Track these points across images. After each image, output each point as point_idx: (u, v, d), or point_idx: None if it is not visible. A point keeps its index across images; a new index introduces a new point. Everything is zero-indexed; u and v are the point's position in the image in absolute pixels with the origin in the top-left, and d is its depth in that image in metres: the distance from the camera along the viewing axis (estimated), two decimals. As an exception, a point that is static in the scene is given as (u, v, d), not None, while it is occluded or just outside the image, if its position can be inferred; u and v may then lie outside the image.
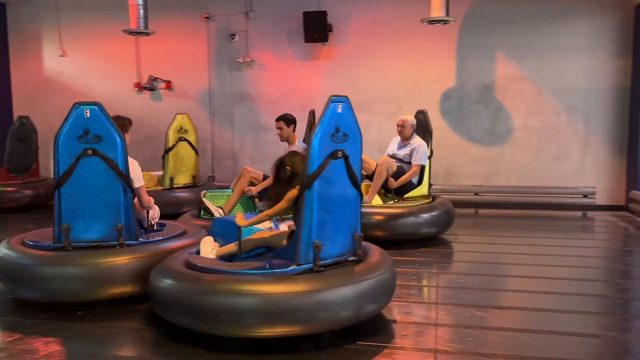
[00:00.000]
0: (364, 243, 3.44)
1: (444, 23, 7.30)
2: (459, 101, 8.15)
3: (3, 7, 9.36)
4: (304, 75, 8.57)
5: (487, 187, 8.06)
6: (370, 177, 5.88)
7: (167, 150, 7.11)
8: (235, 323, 2.88)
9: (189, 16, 8.83)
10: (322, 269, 3.04)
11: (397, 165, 5.85)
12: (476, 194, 8.00)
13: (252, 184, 5.42)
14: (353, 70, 8.41)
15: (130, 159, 3.77)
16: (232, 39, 8.68)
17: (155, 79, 8.97)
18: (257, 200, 5.46)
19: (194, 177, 7.30)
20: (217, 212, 5.11)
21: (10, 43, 9.51)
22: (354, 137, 3.19)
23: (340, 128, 3.10)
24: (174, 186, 7.08)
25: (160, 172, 7.24)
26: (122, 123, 4.02)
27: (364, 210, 4.09)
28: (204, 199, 5.25)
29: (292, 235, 3.30)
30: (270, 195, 3.38)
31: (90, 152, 3.55)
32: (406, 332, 3.24)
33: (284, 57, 8.61)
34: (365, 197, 5.49)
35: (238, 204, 5.35)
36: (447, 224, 5.75)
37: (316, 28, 8.12)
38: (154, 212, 4.28)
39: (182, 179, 7.22)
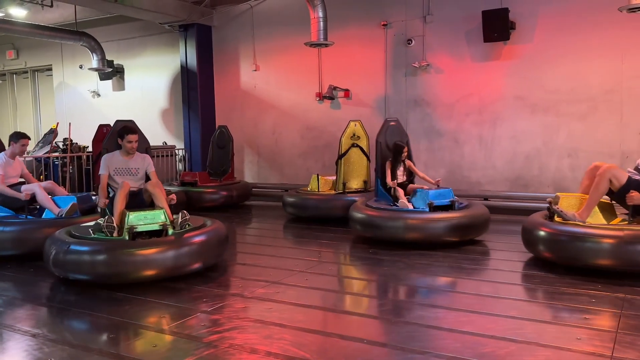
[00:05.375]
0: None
1: (650, 9, 6.30)
2: (670, 99, 6.97)
3: (209, 30, 10.66)
4: (483, 76, 8.14)
5: None
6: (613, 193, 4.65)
7: (340, 156, 7.35)
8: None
9: (367, 25, 9.02)
10: None
11: (630, 175, 4.60)
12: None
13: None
14: (538, 69, 7.73)
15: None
16: (409, 44, 8.64)
17: (334, 88, 9.35)
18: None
19: (365, 182, 7.43)
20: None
21: (214, 61, 10.77)
22: None
23: None
24: (346, 190, 7.28)
25: (334, 177, 7.50)
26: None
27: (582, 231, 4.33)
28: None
29: None
30: None
31: None
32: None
33: (462, 59, 8.29)
34: (575, 215, 4.62)
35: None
36: None
37: (497, 26, 7.66)
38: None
39: (354, 184, 7.39)
